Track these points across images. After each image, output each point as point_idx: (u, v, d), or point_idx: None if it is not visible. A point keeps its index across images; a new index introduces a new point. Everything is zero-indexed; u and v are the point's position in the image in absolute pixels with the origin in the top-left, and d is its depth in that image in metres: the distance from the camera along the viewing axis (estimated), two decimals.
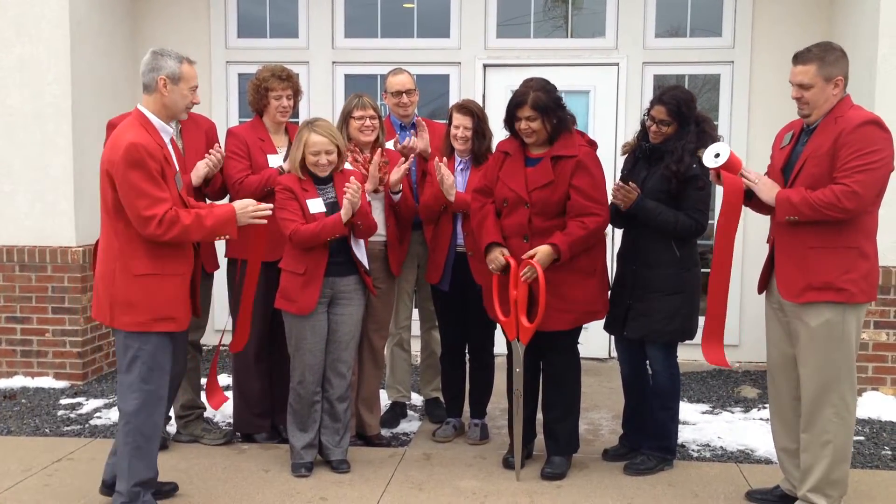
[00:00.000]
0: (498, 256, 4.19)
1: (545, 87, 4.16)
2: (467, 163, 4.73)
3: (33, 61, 6.00)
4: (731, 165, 3.76)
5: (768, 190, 3.67)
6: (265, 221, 3.88)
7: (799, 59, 3.66)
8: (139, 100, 3.74)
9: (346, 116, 4.65)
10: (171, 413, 4.86)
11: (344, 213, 4.11)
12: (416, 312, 5.35)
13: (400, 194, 4.63)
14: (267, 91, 4.63)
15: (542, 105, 4.10)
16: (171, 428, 4.89)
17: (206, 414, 5.00)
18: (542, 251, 4.08)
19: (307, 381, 4.29)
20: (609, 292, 4.43)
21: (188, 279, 3.78)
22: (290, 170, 4.33)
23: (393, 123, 5.15)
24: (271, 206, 3.94)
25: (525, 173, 4.21)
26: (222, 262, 4.82)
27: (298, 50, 6.93)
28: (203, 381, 6.17)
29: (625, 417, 4.64)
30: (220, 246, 4.76)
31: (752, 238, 6.25)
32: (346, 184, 4.14)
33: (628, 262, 4.36)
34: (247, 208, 3.78)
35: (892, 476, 4.44)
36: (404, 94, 5.06)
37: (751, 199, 3.80)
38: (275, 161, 4.64)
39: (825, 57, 3.59)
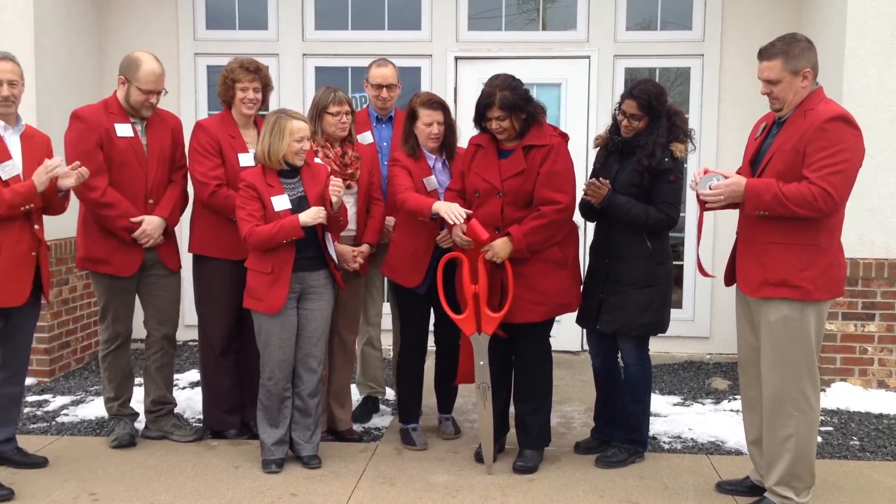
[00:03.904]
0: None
1: (510, 85, 4.14)
2: (444, 161, 4.60)
3: None
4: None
5: (735, 193, 3.60)
6: (69, 180, 4.07)
7: (764, 54, 3.63)
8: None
9: (321, 111, 4.54)
10: (140, 409, 4.82)
11: (306, 217, 4.05)
12: (385, 307, 5.31)
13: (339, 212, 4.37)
14: (234, 82, 4.57)
15: (509, 104, 4.09)
16: (140, 424, 4.83)
17: (176, 410, 4.95)
18: (498, 243, 4.11)
19: (277, 377, 4.25)
20: (582, 285, 4.43)
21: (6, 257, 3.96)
22: (260, 161, 4.25)
23: (370, 115, 5.08)
24: (59, 161, 4.06)
25: (499, 164, 4.21)
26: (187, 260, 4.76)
27: (268, 42, 6.86)
28: (176, 376, 6.14)
29: (596, 410, 4.65)
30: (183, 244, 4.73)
31: (722, 231, 6.29)
32: (333, 185, 4.10)
33: (601, 256, 4.36)
34: (41, 174, 3.98)
35: (859, 466, 4.49)
36: (385, 89, 5.00)
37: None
38: (245, 160, 4.55)
39: (790, 50, 3.56)
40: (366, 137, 4.90)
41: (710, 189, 3.65)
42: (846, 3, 5.58)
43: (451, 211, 4.11)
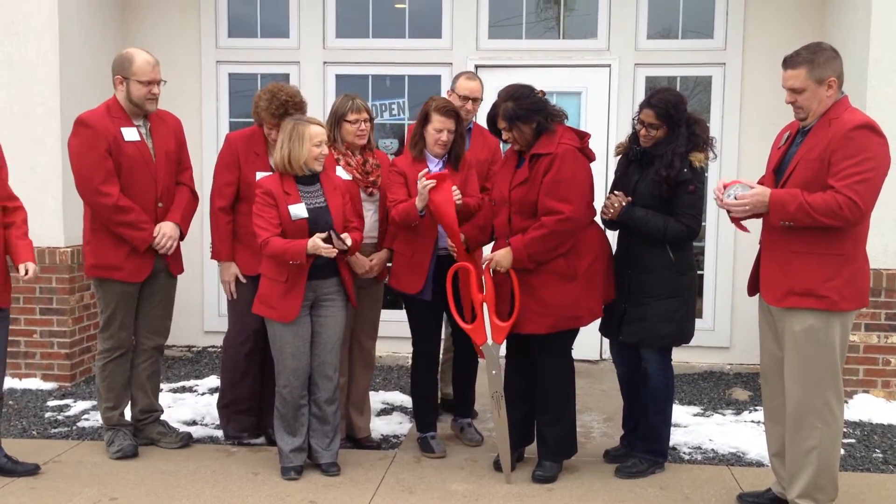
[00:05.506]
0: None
1: (514, 95, 4.15)
2: (443, 167, 4.55)
3: (22, 60, 5.94)
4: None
5: (760, 204, 3.57)
6: None
7: (788, 63, 3.61)
8: None
9: (339, 119, 4.54)
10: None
11: (311, 248, 4.04)
12: None
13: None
14: (262, 122, 4.56)
15: (510, 115, 4.12)
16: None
17: (162, 417, 4.92)
18: (499, 253, 4.14)
19: (292, 384, 4.25)
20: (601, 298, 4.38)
21: None
22: (279, 169, 4.24)
23: None
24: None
25: (513, 174, 4.23)
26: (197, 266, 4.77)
27: (289, 50, 6.89)
28: (195, 382, 6.17)
29: (624, 417, 4.62)
30: (188, 249, 4.74)
31: (744, 239, 6.24)
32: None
33: (623, 266, 4.33)
34: None
35: (883, 478, 4.44)
36: (471, 101, 4.97)
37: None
38: None
39: (815, 59, 3.54)
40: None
41: (736, 199, 3.63)
42: (870, 13, 5.54)
43: (423, 187, 4.22)
